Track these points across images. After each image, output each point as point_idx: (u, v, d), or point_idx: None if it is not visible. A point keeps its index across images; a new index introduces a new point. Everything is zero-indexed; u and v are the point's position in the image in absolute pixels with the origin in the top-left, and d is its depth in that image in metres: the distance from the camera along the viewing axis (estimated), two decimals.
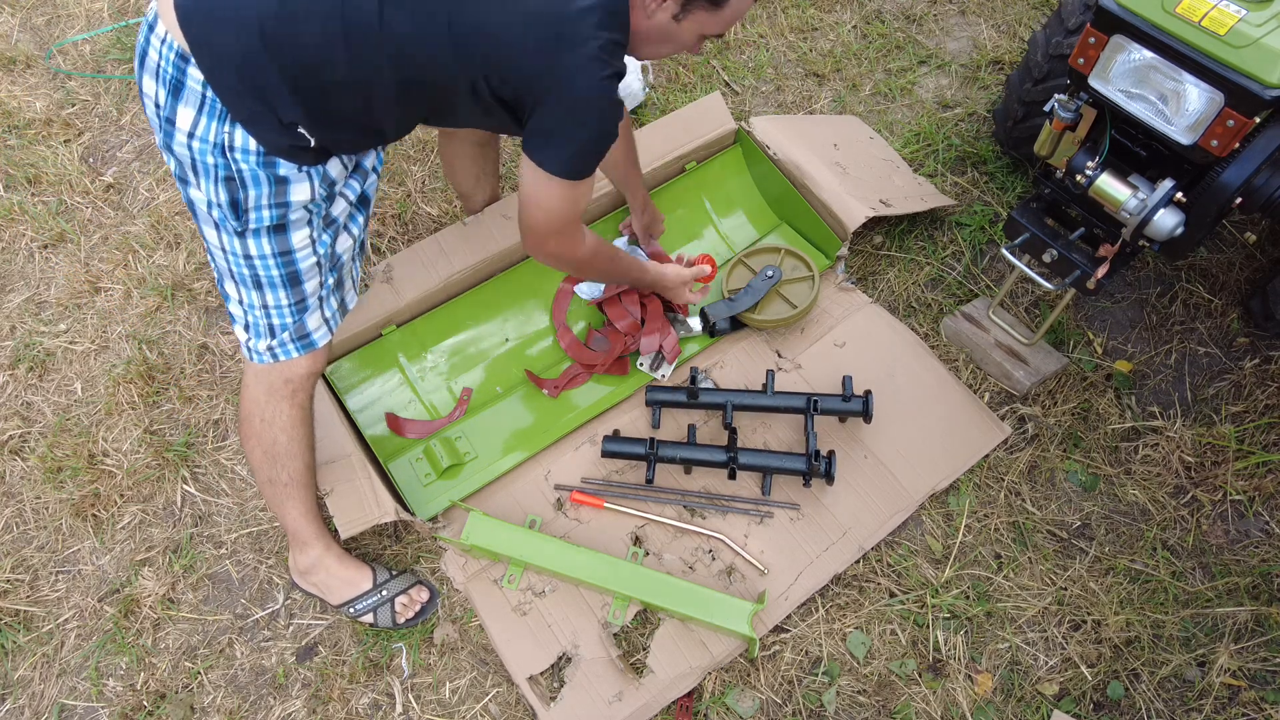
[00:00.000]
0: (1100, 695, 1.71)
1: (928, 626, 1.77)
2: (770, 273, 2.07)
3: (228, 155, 1.29)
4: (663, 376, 2.03)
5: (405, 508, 1.82)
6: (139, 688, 1.71)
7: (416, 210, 2.37)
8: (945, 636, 1.76)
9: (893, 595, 1.80)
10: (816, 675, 1.72)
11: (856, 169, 2.23)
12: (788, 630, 1.76)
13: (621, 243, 2.19)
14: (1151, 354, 2.14)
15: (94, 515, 1.89)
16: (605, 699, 1.64)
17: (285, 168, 1.32)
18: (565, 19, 1.26)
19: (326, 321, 1.56)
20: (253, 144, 1.28)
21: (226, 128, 1.27)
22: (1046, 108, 1.73)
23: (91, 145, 2.52)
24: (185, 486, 1.93)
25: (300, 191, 1.36)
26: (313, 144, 1.32)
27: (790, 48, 2.78)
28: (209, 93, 1.25)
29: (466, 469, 1.91)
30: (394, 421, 1.96)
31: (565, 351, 2.07)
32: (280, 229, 1.38)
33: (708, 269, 2.00)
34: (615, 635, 1.72)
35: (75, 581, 1.83)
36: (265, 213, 1.35)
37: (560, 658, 1.70)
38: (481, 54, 1.29)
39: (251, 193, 1.33)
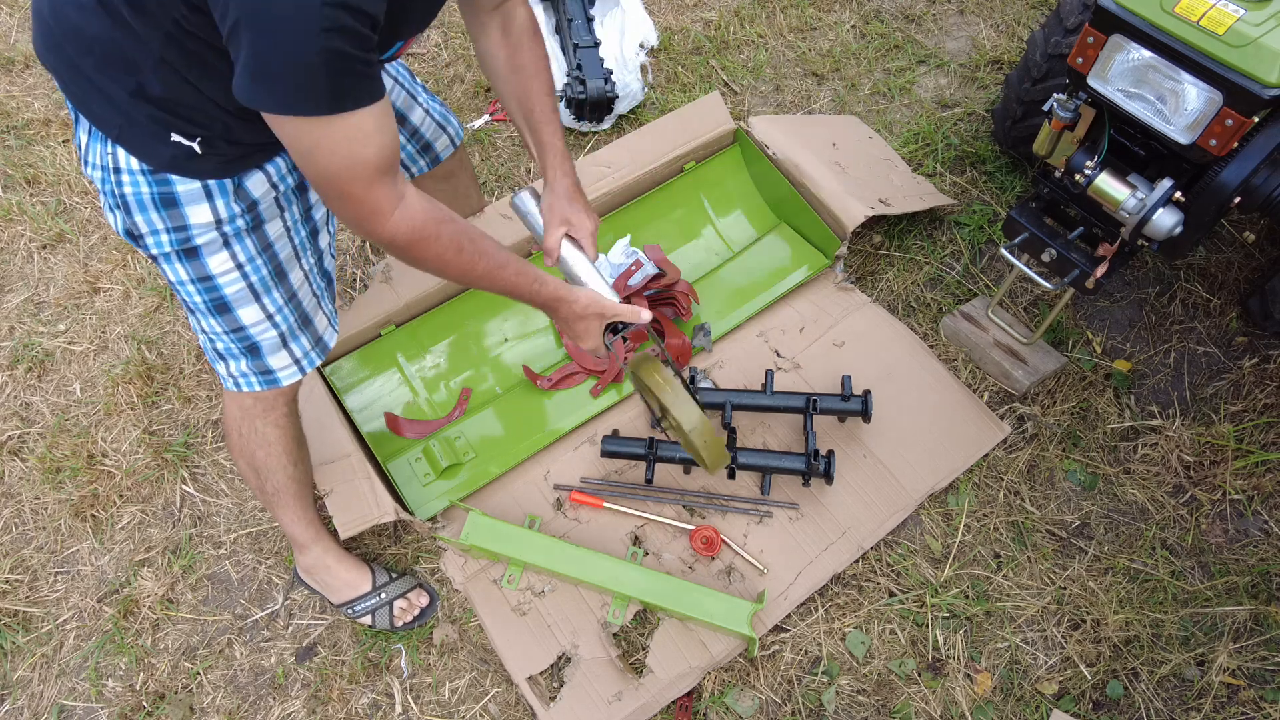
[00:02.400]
0: (1099, 694, 1.71)
1: (927, 626, 1.77)
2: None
3: (114, 178, 1.18)
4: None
5: (404, 508, 1.82)
6: (138, 688, 1.71)
7: None
8: (945, 636, 1.77)
9: (892, 595, 1.81)
10: (816, 675, 1.72)
11: (855, 168, 2.23)
12: (787, 630, 1.76)
13: (623, 244, 2.18)
14: (1150, 353, 2.14)
15: (93, 516, 1.89)
16: (605, 699, 1.64)
17: (180, 184, 1.19)
18: None
19: (297, 362, 1.45)
20: (135, 163, 1.16)
21: (109, 148, 1.16)
22: (1045, 107, 1.73)
23: None
24: (184, 487, 1.93)
25: (198, 213, 1.21)
26: (198, 150, 1.16)
27: (789, 47, 2.78)
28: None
29: (466, 469, 1.91)
30: (393, 421, 1.96)
31: (567, 351, 2.07)
32: (191, 253, 1.26)
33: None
34: (615, 635, 1.72)
35: (74, 582, 1.83)
36: (163, 238, 1.23)
37: (560, 658, 1.70)
38: None
39: (139, 218, 1.21)
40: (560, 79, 2.48)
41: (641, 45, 2.67)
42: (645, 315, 1.42)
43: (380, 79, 1.03)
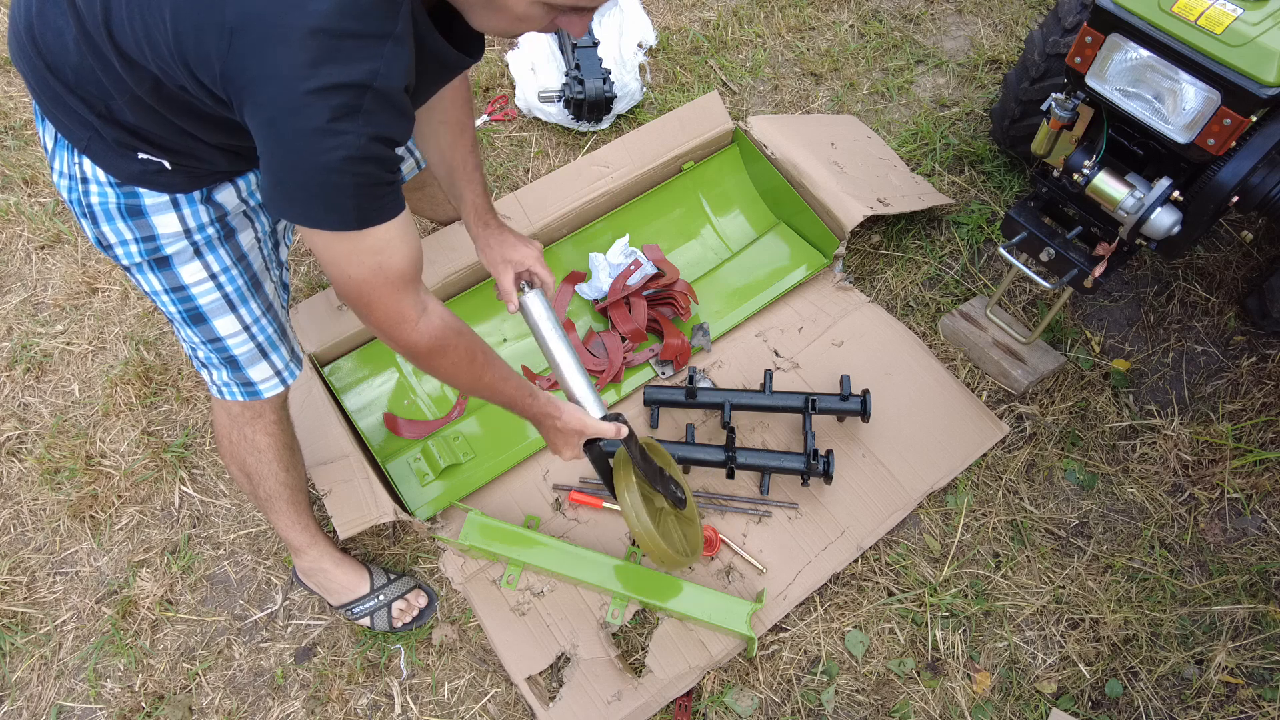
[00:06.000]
0: (1098, 693, 1.72)
1: (926, 625, 1.77)
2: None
3: (81, 188, 1.17)
4: (664, 375, 2.03)
5: (403, 508, 1.82)
6: (137, 689, 1.71)
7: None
8: (944, 635, 1.77)
9: (891, 594, 1.81)
10: (815, 674, 1.72)
11: (854, 168, 2.23)
12: (786, 629, 1.76)
13: (622, 244, 2.18)
14: (1149, 352, 2.14)
15: (92, 516, 1.89)
16: (604, 699, 1.64)
17: (148, 196, 1.18)
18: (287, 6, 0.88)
19: (278, 374, 1.44)
20: (102, 174, 1.15)
21: (75, 158, 1.16)
22: (1044, 107, 1.73)
23: None
24: (183, 487, 1.93)
25: (166, 222, 1.20)
26: (168, 166, 1.15)
27: (788, 47, 2.78)
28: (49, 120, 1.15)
29: (465, 469, 1.91)
30: (392, 421, 1.96)
31: None
32: (162, 263, 1.25)
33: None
34: (614, 635, 1.72)
35: (73, 583, 1.83)
36: (132, 248, 1.22)
37: (559, 658, 1.70)
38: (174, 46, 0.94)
39: (106, 228, 1.20)
40: (559, 78, 2.48)
41: (640, 45, 2.67)
42: (623, 431, 1.48)
43: (401, 191, 1.06)
